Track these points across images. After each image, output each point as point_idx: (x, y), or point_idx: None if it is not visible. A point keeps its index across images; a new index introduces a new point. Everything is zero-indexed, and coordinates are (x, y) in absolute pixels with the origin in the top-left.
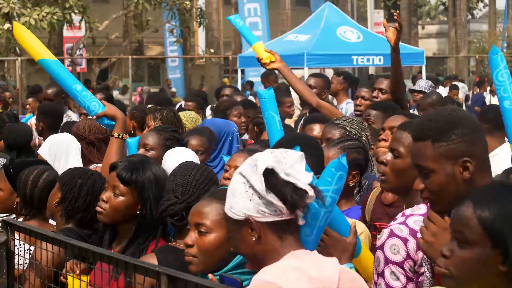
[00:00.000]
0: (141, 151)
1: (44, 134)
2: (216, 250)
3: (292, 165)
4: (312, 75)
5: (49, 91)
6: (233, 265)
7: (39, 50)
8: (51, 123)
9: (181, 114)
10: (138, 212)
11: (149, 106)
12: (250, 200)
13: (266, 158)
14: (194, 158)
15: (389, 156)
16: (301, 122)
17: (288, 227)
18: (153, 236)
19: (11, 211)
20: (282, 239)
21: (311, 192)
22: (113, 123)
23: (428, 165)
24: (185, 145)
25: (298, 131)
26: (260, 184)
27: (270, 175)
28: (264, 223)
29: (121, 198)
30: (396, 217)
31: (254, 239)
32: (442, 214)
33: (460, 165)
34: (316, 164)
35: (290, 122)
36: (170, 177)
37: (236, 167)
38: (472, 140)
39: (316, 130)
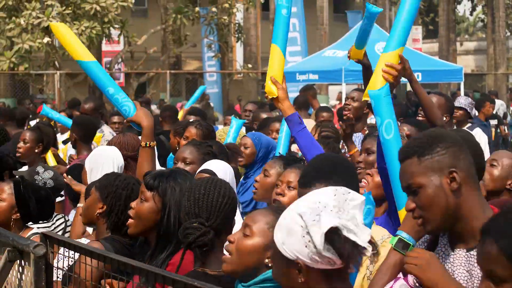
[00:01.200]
0: (180, 165)
1: (77, 146)
2: (250, 255)
3: (354, 216)
4: (356, 90)
5: (86, 105)
6: (261, 278)
7: (78, 50)
8: (84, 135)
9: (221, 129)
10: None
11: (191, 120)
12: (306, 246)
13: (330, 212)
14: (230, 173)
15: None
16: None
17: (338, 275)
18: (175, 246)
19: (7, 225)
20: (331, 286)
21: (369, 250)
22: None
23: (416, 181)
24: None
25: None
26: (319, 240)
27: (332, 232)
28: (314, 269)
29: (145, 204)
30: None
31: (300, 281)
32: (435, 234)
33: (447, 176)
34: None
35: None
36: (190, 195)
37: (288, 183)
38: (456, 153)
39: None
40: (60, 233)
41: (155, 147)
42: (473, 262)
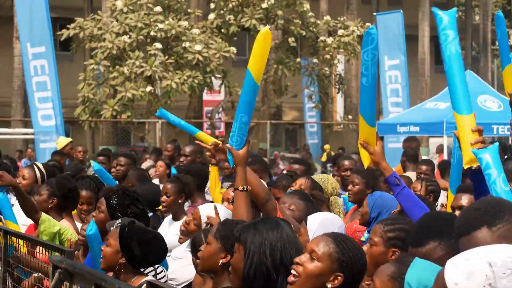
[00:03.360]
0: (288, 211)
1: (192, 196)
2: (315, 279)
3: None
4: None
5: (188, 148)
6: None
7: (258, 64)
8: (199, 184)
9: (318, 177)
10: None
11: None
12: None
13: None
14: (341, 225)
15: None
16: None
17: None
18: None
19: (113, 269)
20: None
21: None
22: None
23: None
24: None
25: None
26: None
27: None
28: None
29: (235, 255)
30: None
31: None
32: None
33: None
34: None
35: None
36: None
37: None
38: None
39: (465, 200)
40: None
41: None
42: None
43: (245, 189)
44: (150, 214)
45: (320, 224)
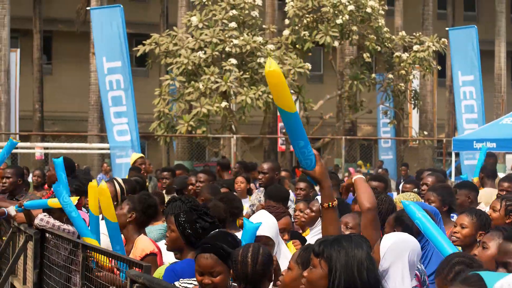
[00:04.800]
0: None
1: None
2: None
3: None
4: None
5: (265, 165)
6: None
7: (282, 97)
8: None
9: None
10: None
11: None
12: None
13: None
14: (415, 245)
15: None
16: None
17: None
18: None
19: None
20: None
21: None
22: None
23: None
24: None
25: None
26: None
27: None
28: None
29: (313, 270)
30: None
31: None
32: None
33: None
34: None
35: None
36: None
37: None
38: None
39: None
40: None
41: None
42: None
43: (330, 205)
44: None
45: (393, 243)
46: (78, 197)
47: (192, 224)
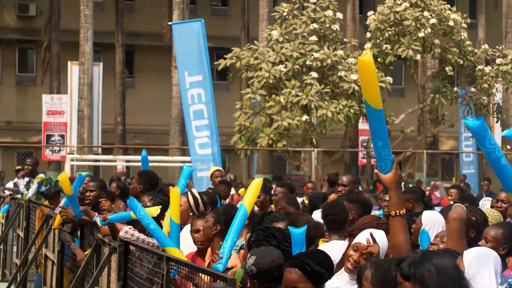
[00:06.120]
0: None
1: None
2: None
3: None
4: None
5: (345, 178)
6: None
7: (370, 90)
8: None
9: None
10: None
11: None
12: None
13: None
14: (496, 258)
15: None
16: None
17: None
18: None
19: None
20: None
21: None
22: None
23: None
24: None
25: None
26: None
27: None
28: None
29: None
30: None
31: None
32: None
33: None
34: None
35: None
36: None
37: None
38: None
39: None
40: None
41: None
42: None
43: (397, 214)
44: None
45: (475, 256)
46: (160, 207)
47: (258, 244)
